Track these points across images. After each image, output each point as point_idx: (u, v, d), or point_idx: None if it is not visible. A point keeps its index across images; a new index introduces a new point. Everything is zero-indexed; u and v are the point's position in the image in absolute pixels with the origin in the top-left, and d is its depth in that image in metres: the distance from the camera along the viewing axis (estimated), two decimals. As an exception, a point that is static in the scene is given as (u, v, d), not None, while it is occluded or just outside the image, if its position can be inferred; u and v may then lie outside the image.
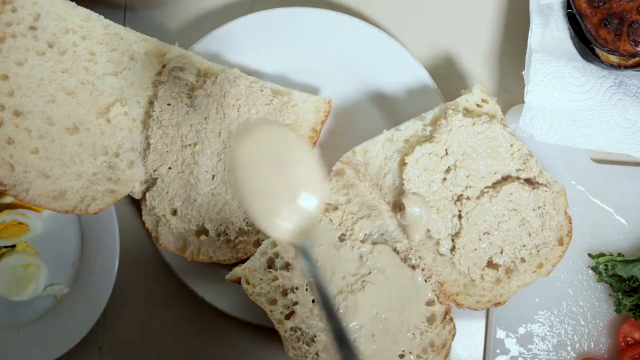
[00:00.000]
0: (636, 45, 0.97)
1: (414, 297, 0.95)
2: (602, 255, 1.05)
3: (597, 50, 1.01)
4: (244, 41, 1.06)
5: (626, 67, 1.00)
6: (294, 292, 0.93)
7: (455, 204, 0.96)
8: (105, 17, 0.98)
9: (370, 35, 1.06)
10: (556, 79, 1.00)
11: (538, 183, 0.97)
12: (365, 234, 0.96)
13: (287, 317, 0.93)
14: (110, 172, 0.98)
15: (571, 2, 0.99)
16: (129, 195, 1.06)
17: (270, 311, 0.94)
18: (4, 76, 0.93)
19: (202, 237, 0.99)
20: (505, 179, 0.97)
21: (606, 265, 1.04)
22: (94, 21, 0.97)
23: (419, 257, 0.96)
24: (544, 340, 1.05)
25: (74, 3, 0.96)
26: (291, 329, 0.93)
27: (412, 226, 0.95)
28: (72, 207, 0.95)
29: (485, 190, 0.96)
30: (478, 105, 1.00)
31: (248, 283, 0.94)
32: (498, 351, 1.05)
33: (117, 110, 0.98)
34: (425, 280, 0.96)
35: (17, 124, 0.93)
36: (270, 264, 0.95)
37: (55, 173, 0.95)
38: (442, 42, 1.13)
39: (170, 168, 0.98)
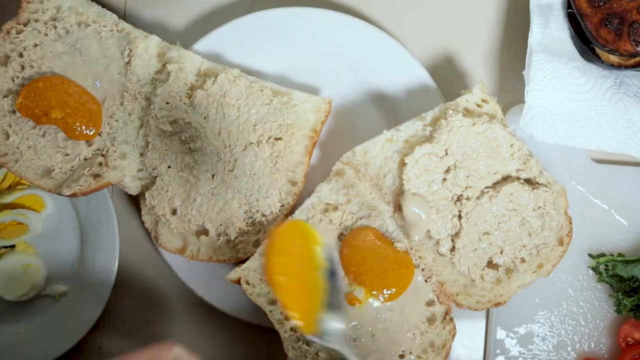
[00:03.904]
0: (636, 45, 0.97)
1: (414, 297, 0.95)
2: (603, 255, 1.05)
3: (598, 50, 1.01)
4: (244, 41, 1.06)
5: (626, 67, 1.00)
6: (294, 292, 0.93)
7: (455, 204, 0.96)
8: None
9: (370, 35, 1.05)
10: (556, 79, 1.00)
11: (538, 183, 0.97)
12: (365, 234, 0.96)
13: (287, 317, 0.93)
14: (101, 159, 0.98)
15: (571, 2, 0.99)
16: (128, 195, 1.06)
17: (270, 311, 0.94)
18: (20, 54, 0.98)
19: (202, 237, 0.99)
20: (505, 179, 0.97)
21: (606, 266, 1.04)
22: (107, 17, 1.01)
23: (419, 257, 0.96)
24: (544, 340, 1.05)
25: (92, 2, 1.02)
26: (291, 329, 0.93)
27: (412, 226, 0.95)
28: (55, 186, 0.97)
29: (485, 190, 0.96)
30: (478, 106, 1.00)
31: (248, 283, 0.94)
32: (498, 351, 1.05)
33: (113, 102, 0.99)
34: (426, 281, 0.96)
35: None
36: (270, 264, 0.95)
37: (48, 151, 0.97)
38: (442, 42, 1.12)
39: (169, 167, 0.98)
